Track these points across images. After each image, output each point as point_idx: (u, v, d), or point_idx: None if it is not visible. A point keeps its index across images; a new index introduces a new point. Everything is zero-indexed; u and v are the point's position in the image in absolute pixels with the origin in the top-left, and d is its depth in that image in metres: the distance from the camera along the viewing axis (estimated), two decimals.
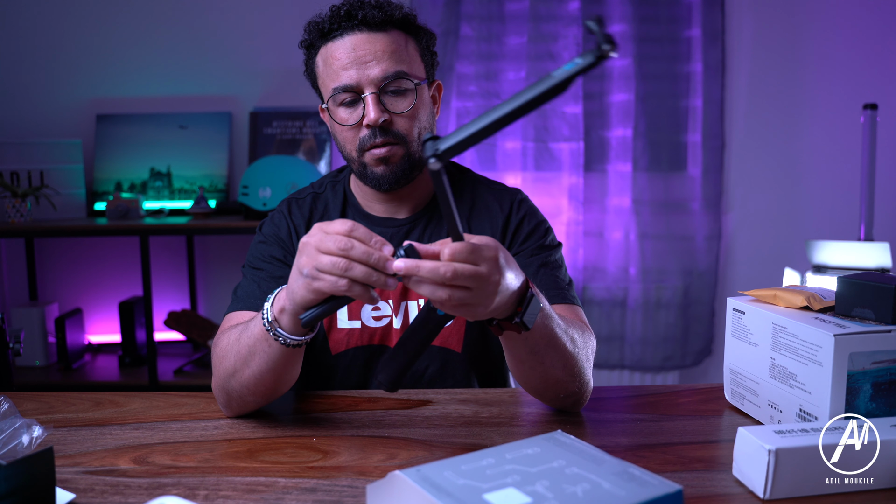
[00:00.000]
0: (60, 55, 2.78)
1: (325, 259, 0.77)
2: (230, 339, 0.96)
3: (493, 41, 2.73)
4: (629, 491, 0.62)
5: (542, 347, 0.89)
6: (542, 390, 0.96)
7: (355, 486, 0.78)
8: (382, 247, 0.78)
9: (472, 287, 0.75)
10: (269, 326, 0.87)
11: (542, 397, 0.99)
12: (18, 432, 0.81)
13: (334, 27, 1.07)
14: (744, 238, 2.83)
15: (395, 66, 1.07)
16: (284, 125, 2.75)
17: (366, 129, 1.08)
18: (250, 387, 0.93)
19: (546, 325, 0.88)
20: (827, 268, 2.37)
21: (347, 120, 1.09)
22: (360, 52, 1.06)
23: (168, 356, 2.75)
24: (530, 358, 0.90)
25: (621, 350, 2.80)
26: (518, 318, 0.82)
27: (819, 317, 0.88)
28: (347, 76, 1.06)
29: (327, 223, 0.81)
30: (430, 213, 1.18)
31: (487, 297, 0.77)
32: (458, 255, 0.74)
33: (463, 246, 0.75)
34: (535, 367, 0.92)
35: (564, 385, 0.94)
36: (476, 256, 0.75)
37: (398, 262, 0.75)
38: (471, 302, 0.76)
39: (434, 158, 0.70)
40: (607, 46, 0.62)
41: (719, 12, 2.69)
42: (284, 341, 0.87)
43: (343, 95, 1.08)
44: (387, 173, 1.10)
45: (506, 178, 2.73)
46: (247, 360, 0.92)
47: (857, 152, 2.54)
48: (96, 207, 2.75)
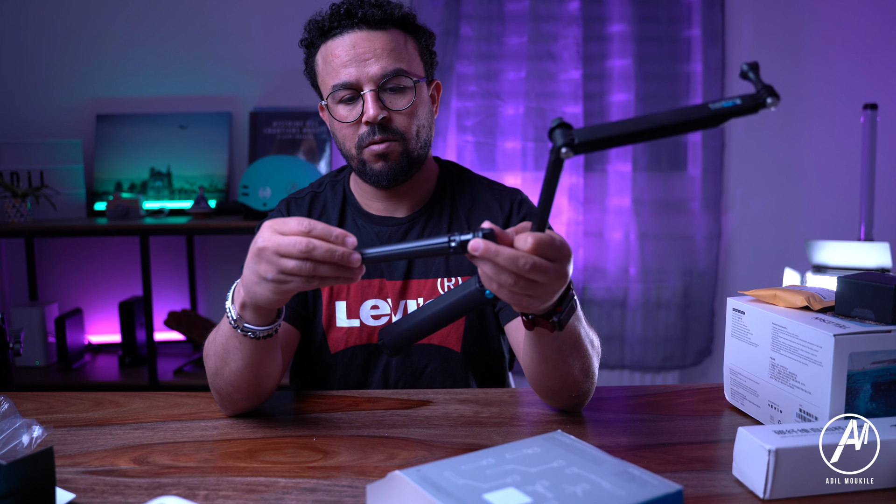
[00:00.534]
0: (60, 55, 2.78)
1: (288, 263, 0.76)
2: (210, 340, 0.97)
3: (493, 41, 2.73)
4: (629, 491, 0.62)
5: (567, 347, 0.89)
6: (557, 389, 0.96)
7: (355, 486, 0.78)
8: (345, 239, 0.76)
9: (542, 282, 0.74)
10: (236, 323, 0.88)
11: (554, 397, 0.98)
12: (18, 432, 0.81)
13: (334, 25, 1.08)
14: (744, 238, 2.83)
15: (395, 63, 1.07)
16: (284, 125, 2.75)
17: (365, 126, 1.08)
18: (233, 384, 0.94)
19: (574, 326, 0.88)
20: (827, 268, 2.37)
21: (347, 117, 1.09)
22: (360, 50, 1.06)
23: (168, 356, 2.75)
24: (555, 356, 0.90)
25: (621, 350, 2.80)
26: (557, 317, 0.81)
27: (819, 317, 0.88)
28: (347, 73, 1.07)
29: (280, 221, 0.78)
30: (428, 211, 1.18)
31: (550, 294, 0.76)
32: (542, 248, 0.73)
33: (548, 240, 0.73)
34: (558, 367, 0.91)
35: (579, 385, 0.95)
36: (555, 252, 0.74)
37: (476, 241, 0.73)
38: (534, 294, 0.75)
39: (567, 148, 0.66)
40: (771, 99, 0.63)
41: (719, 12, 2.69)
42: (254, 335, 0.88)
43: (342, 92, 1.08)
44: (385, 169, 1.10)
45: (506, 178, 2.73)
46: (224, 358, 0.92)
47: (857, 152, 2.54)
48: (96, 207, 2.75)
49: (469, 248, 0.73)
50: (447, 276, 1.15)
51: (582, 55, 2.69)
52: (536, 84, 2.73)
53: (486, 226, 0.74)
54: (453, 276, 1.16)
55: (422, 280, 1.15)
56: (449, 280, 1.15)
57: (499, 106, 2.75)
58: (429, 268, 1.16)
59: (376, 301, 1.15)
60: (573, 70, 2.70)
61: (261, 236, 0.79)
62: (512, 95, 2.74)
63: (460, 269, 1.16)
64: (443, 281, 1.15)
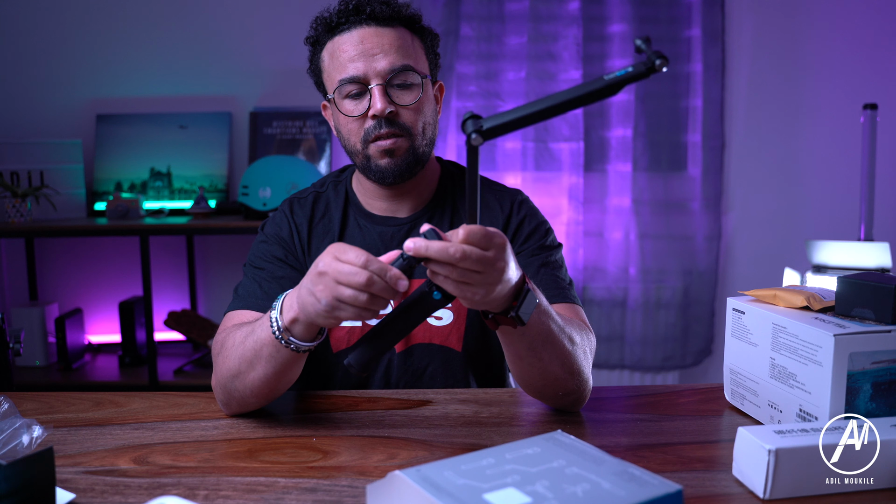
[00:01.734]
0: (60, 55, 2.78)
1: (346, 292, 0.79)
2: (235, 341, 0.96)
3: (493, 41, 2.73)
4: (629, 491, 0.62)
5: (539, 343, 0.90)
6: (541, 388, 0.97)
7: (355, 486, 0.78)
8: (398, 282, 0.79)
9: (478, 270, 0.77)
10: (280, 335, 0.88)
11: (542, 396, 0.99)
12: (18, 432, 0.81)
13: (342, 21, 1.08)
14: (744, 238, 2.83)
15: (402, 59, 1.08)
16: (284, 125, 2.75)
17: (371, 121, 1.08)
18: (254, 389, 0.94)
19: (543, 322, 0.89)
20: (827, 268, 2.37)
21: (353, 111, 1.09)
22: (368, 45, 1.07)
23: (168, 356, 2.75)
24: (529, 354, 0.91)
25: (621, 350, 2.80)
26: (514, 312, 0.83)
27: (819, 317, 0.88)
28: (354, 68, 1.07)
29: (340, 248, 0.81)
30: (430, 211, 1.18)
31: (490, 284, 0.79)
32: (472, 238, 0.76)
33: (476, 229, 0.77)
34: (534, 364, 0.92)
35: (563, 383, 0.95)
36: (487, 241, 0.77)
37: (408, 242, 0.77)
38: (473, 283, 0.78)
39: (476, 133, 0.71)
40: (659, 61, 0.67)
41: (719, 12, 2.69)
42: (297, 348, 0.89)
43: (349, 87, 1.08)
44: (391, 166, 1.10)
45: (506, 178, 2.73)
46: (252, 363, 0.92)
47: (857, 152, 2.54)
48: (96, 207, 2.75)
49: (404, 248, 0.78)
50: None
51: (582, 55, 2.69)
52: (536, 84, 2.73)
53: (424, 228, 0.78)
54: None
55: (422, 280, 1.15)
56: None
57: (499, 106, 2.75)
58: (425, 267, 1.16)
59: None
60: (573, 70, 2.70)
61: (322, 260, 0.81)
62: (512, 95, 2.74)
63: None
64: None
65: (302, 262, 1.16)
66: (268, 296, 1.08)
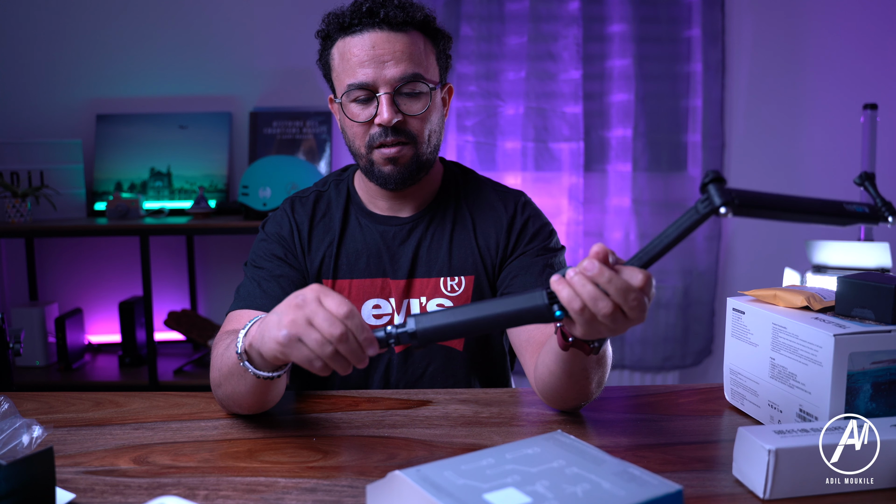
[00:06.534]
0: (60, 55, 2.78)
1: (313, 336, 0.74)
2: (219, 350, 0.95)
3: (493, 41, 2.73)
4: (629, 491, 0.62)
5: (593, 365, 0.88)
6: (569, 399, 0.95)
7: (355, 486, 0.78)
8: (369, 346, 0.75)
9: (632, 318, 0.74)
10: (241, 357, 0.86)
11: (564, 405, 0.97)
12: (18, 432, 0.81)
13: (355, 22, 1.07)
14: (744, 238, 2.83)
15: (413, 68, 1.06)
16: (284, 125, 2.75)
17: (377, 127, 1.08)
18: (234, 401, 0.93)
19: (604, 346, 0.88)
20: (827, 268, 2.36)
21: (359, 116, 1.09)
22: (379, 51, 1.05)
23: (168, 356, 2.75)
24: (580, 373, 0.89)
25: (621, 350, 2.80)
26: (599, 343, 0.82)
27: (819, 317, 0.88)
28: (364, 73, 1.06)
29: (324, 292, 0.76)
30: (432, 212, 1.18)
31: (626, 327, 0.75)
32: (647, 288, 0.73)
33: (651, 279, 0.74)
34: (580, 382, 0.90)
35: (591, 395, 0.95)
36: (651, 293, 0.74)
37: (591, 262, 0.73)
38: (617, 329, 0.75)
39: (726, 208, 0.68)
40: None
41: (719, 12, 2.69)
42: (255, 374, 0.86)
43: (357, 92, 1.07)
44: (394, 173, 1.10)
45: (506, 178, 2.73)
46: (227, 378, 0.91)
47: (857, 152, 2.54)
48: (96, 207, 2.75)
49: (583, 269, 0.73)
50: (450, 276, 1.15)
51: (582, 55, 2.69)
52: (536, 84, 2.73)
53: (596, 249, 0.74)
54: (456, 275, 1.16)
55: (425, 279, 1.16)
56: (451, 279, 1.15)
57: (499, 106, 2.75)
58: (431, 266, 1.16)
59: (378, 300, 1.15)
60: (573, 70, 2.70)
61: (303, 294, 0.76)
62: (512, 95, 2.74)
63: (464, 269, 1.16)
64: (445, 280, 1.15)
65: (302, 261, 1.16)
66: (267, 295, 1.08)
